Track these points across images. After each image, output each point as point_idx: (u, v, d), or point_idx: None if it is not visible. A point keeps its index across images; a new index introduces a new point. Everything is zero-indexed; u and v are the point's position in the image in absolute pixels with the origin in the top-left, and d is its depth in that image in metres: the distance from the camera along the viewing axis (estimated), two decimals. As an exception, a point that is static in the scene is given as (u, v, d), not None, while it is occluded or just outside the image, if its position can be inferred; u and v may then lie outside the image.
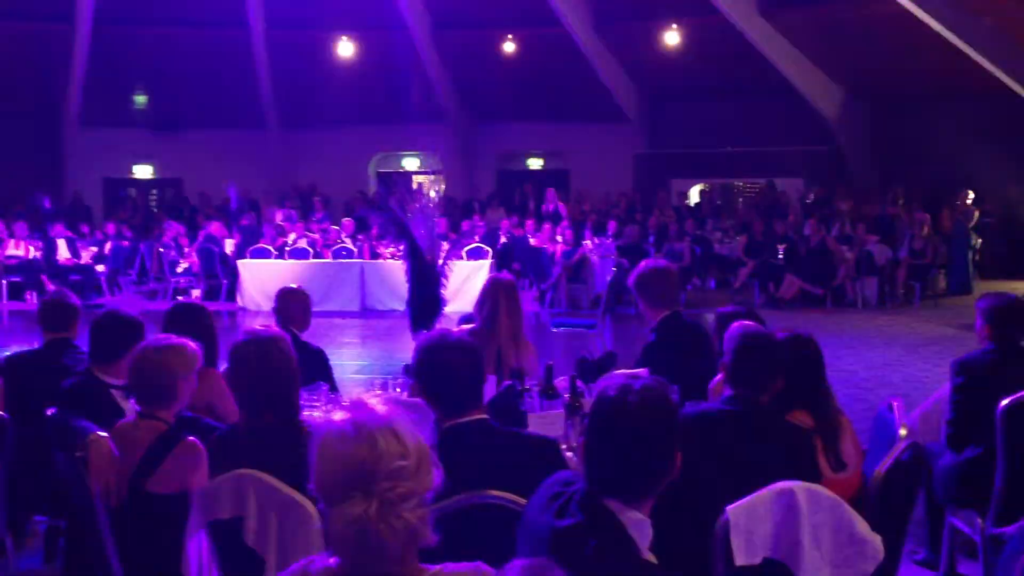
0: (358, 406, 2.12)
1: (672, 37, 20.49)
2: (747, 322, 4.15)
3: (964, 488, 4.73)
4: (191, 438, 3.74)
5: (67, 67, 21.64)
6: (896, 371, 10.91)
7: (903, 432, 4.04)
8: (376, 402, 2.13)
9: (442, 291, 10.40)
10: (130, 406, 4.07)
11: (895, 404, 4.30)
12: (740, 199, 23.76)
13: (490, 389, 4.47)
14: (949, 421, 4.88)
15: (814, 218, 17.80)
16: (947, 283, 17.62)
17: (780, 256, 17.20)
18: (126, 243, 18.82)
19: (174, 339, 3.94)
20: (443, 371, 3.39)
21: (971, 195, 18.58)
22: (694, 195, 24.20)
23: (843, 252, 16.57)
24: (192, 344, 3.94)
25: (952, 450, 4.85)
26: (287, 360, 3.67)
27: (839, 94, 21.18)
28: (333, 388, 5.43)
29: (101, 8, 20.60)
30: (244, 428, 3.67)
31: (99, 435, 3.76)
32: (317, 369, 5.48)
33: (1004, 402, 4.42)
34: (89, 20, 20.90)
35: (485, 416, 3.43)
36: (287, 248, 17.56)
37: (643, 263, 5.63)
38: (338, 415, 2.11)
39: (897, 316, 15.45)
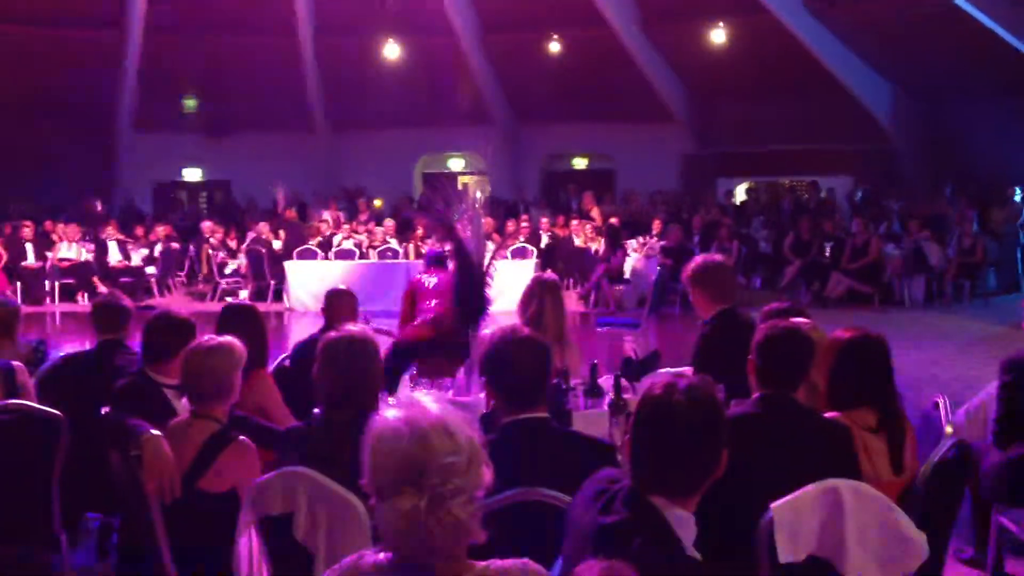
0: (411, 404, 2.15)
1: (719, 35, 20.21)
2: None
3: (1012, 487, 4.68)
4: (243, 437, 3.82)
5: (118, 73, 21.93)
6: (946, 370, 10.77)
7: (949, 430, 4.02)
8: (428, 400, 2.17)
9: (487, 291, 10.43)
10: (183, 405, 4.16)
11: (940, 402, 4.28)
12: (787, 198, 23.55)
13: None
14: (997, 419, 4.82)
15: (861, 217, 17.60)
16: (997, 281, 17.35)
17: (827, 254, 17.05)
18: (176, 245, 19.05)
19: (222, 338, 4.04)
20: (511, 364, 3.36)
21: (1018, 192, 18.31)
22: (740, 193, 24.00)
23: (888, 253, 16.38)
24: (238, 342, 4.04)
25: (999, 448, 4.81)
26: (371, 359, 3.79)
27: (889, 91, 20.93)
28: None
29: (151, 15, 20.87)
30: (323, 421, 3.68)
31: (153, 434, 3.83)
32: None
33: (1053, 400, 4.37)
34: (140, 27, 21.18)
35: (547, 415, 3.40)
36: (333, 249, 17.71)
37: (699, 257, 5.61)
38: (391, 413, 2.14)
39: (946, 315, 15.25)
